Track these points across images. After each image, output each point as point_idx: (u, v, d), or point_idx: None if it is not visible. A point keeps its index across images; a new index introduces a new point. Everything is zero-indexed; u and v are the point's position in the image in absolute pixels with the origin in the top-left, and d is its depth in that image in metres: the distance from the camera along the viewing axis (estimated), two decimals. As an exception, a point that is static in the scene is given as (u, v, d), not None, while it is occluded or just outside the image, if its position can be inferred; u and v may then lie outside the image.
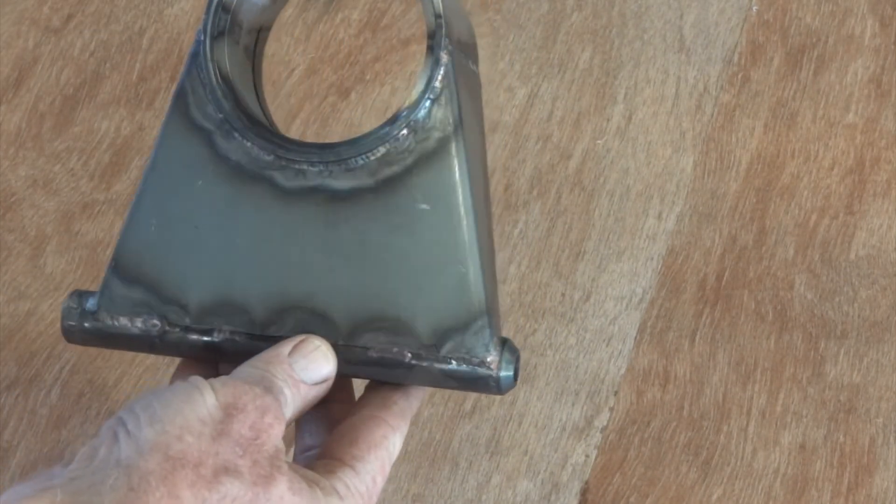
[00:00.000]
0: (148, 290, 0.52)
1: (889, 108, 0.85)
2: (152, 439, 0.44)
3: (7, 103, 0.86)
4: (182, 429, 0.44)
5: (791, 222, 0.81)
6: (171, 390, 0.46)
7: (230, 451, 0.45)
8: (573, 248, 0.81)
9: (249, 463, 0.45)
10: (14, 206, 0.82)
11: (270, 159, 0.52)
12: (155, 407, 0.45)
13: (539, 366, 0.77)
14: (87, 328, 0.53)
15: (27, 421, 0.74)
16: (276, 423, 0.47)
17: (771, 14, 0.90)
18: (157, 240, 0.52)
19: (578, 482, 0.73)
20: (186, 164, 0.52)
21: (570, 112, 0.86)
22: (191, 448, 0.44)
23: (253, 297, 0.52)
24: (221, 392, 0.46)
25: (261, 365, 0.49)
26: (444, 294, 0.53)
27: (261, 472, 0.45)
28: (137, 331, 0.53)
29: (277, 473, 0.46)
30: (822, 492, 0.73)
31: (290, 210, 0.52)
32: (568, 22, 0.89)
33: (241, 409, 0.46)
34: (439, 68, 0.52)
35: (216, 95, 0.52)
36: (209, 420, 0.45)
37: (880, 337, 0.77)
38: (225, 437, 0.45)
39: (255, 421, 0.46)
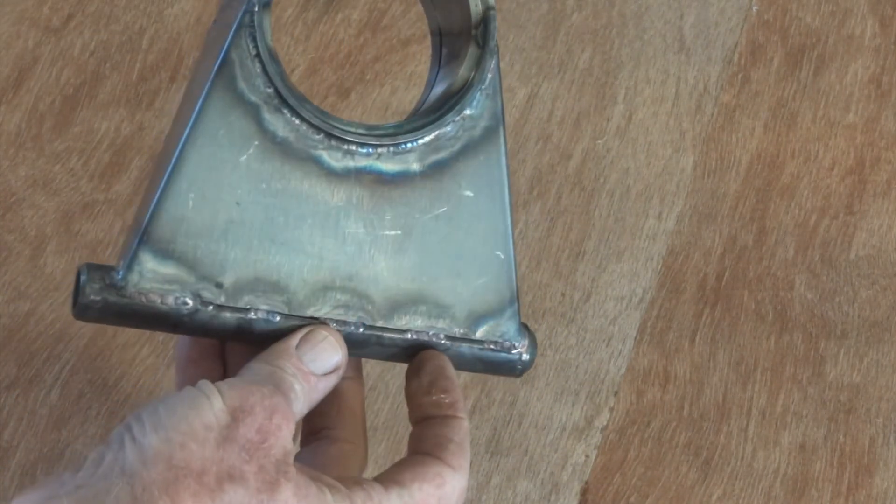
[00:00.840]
0: (181, 266, 0.50)
1: (889, 108, 0.85)
2: (156, 447, 0.44)
3: (7, 103, 0.86)
4: (186, 436, 0.44)
5: (791, 222, 0.81)
6: (178, 396, 0.46)
7: (235, 456, 0.45)
8: (573, 248, 0.81)
9: (255, 468, 0.45)
10: (14, 206, 0.82)
11: (319, 138, 0.52)
12: (160, 413, 0.45)
13: (539, 366, 0.77)
14: (109, 303, 0.50)
15: (27, 421, 0.74)
16: (284, 424, 0.46)
17: (771, 14, 0.90)
18: (195, 214, 0.50)
19: (578, 482, 0.73)
20: (230, 138, 0.51)
21: (570, 112, 0.86)
22: (194, 456, 0.44)
23: (293, 276, 0.51)
24: (228, 395, 0.46)
25: (270, 360, 0.49)
26: (481, 280, 0.54)
27: (266, 477, 0.45)
28: (166, 308, 0.50)
29: (283, 479, 0.45)
30: (822, 492, 0.73)
31: (335, 190, 0.52)
32: (568, 22, 0.89)
33: (249, 411, 0.46)
34: (492, 59, 0.53)
35: (267, 69, 0.51)
36: (215, 425, 0.45)
37: (880, 337, 0.77)
38: (230, 442, 0.45)
39: (263, 423, 0.46)
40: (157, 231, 0.50)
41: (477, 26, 0.54)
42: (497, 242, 0.55)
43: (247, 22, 0.51)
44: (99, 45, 0.88)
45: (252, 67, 0.51)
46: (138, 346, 0.77)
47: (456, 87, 0.54)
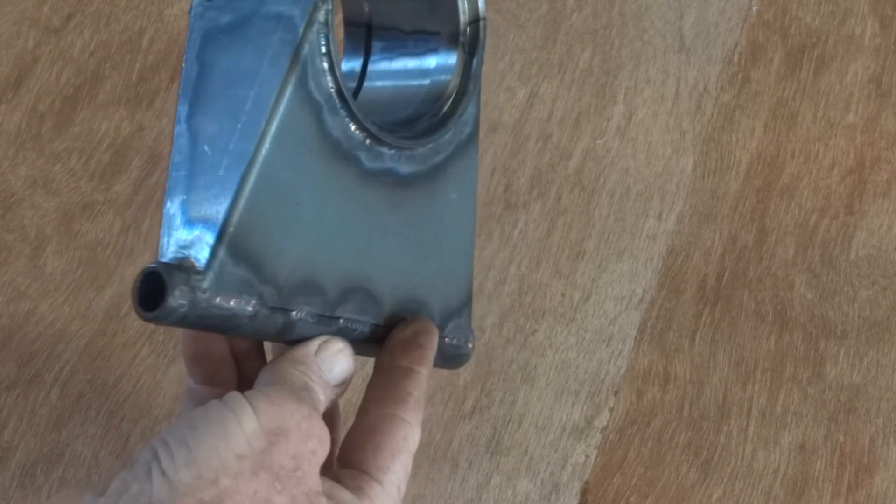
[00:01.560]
0: (249, 267, 0.48)
1: (889, 108, 0.85)
2: (187, 483, 0.42)
3: (7, 103, 0.86)
4: (218, 472, 0.42)
5: (791, 222, 0.81)
6: (206, 419, 0.43)
7: (268, 486, 0.43)
8: (573, 248, 0.81)
9: (286, 500, 0.43)
10: (14, 206, 0.82)
11: (361, 138, 0.51)
12: (189, 444, 0.42)
13: (539, 366, 0.77)
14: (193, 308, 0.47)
15: (27, 421, 0.74)
16: (319, 450, 0.45)
17: (771, 14, 0.90)
18: (264, 215, 0.48)
19: (578, 482, 0.73)
20: (298, 137, 0.49)
21: (570, 112, 0.86)
22: (227, 492, 0.42)
23: (329, 277, 0.50)
24: (265, 414, 0.44)
25: (295, 365, 0.47)
26: (453, 279, 0.55)
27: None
28: (233, 311, 0.48)
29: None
30: (822, 492, 0.73)
31: (366, 191, 0.52)
32: (568, 22, 0.89)
33: (285, 434, 0.44)
34: (480, 65, 0.54)
35: (334, 66, 0.50)
36: (248, 453, 0.43)
37: (880, 337, 0.77)
38: (264, 470, 0.43)
39: (298, 449, 0.44)
40: (234, 231, 0.48)
41: (464, 33, 0.54)
42: (467, 243, 0.55)
43: (321, 19, 0.50)
44: (99, 45, 0.88)
45: (320, 65, 0.50)
46: (138, 346, 0.77)
47: (450, 93, 0.54)
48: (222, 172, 0.48)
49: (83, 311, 0.78)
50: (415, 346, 0.52)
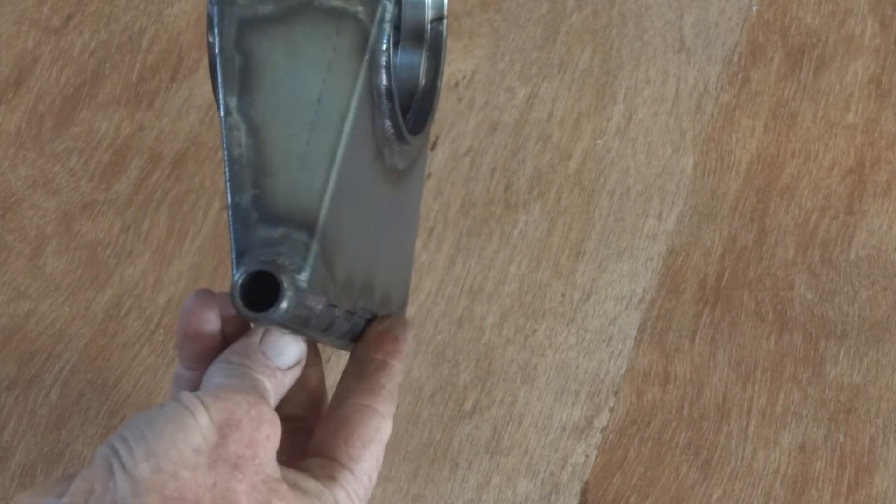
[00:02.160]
0: (327, 266, 0.47)
1: (889, 108, 0.85)
2: (148, 478, 0.42)
3: (7, 103, 0.86)
4: (177, 464, 0.43)
5: (791, 222, 0.81)
6: (163, 415, 0.44)
7: (227, 476, 0.43)
8: (573, 248, 0.81)
9: (247, 488, 0.44)
10: (14, 206, 0.82)
11: (392, 134, 0.51)
12: (148, 439, 0.43)
13: (539, 366, 0.77)
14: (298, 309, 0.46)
15: (27, 421, 0.74)
16: (272, 435, 0.45)
17: (771, 14, 0.89)
18: (339, 213, 0.48)
19: (578, 482, 0.73)
20: (360, 133, 0.48)
21: (570, 112, 0.86)
22: (187, 485, 0.43)
23: (359, 274, 0.50)
24: (214, 409, 0.44)
25: (237, 360, 0.47)
26: (405, 275, 0.56)
27: (258, 497, 0.44)
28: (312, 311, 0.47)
29: (275, 499, 0.44)
30: (822, 492, 0.73)
31: (384, 187, 0.52)
32: (568, 22, 0.89)
33: (236, 425, 0.44)
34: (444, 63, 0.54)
35: (389, 63, 0.49)
36: (204, 447, 0.43)
37: (880, 337, 0.77)
38: (221, 462, 0.44)
39: (252, 436, 0.44)
40: (323, 228, 0.47)
41: (427, 31, 0.54)
42: (414, 239, 0.56)
43: (386, 17, 0.48)
44: (99, 45, 0.88)
45: (380, 62, 0.48)
46: (138, 345, 0.77)
47: (420, 90, 0.54)
48: (300, 169, 0.47)
49: (83, 311, 0.78)
50: (390, 340, 0.52)
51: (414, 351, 0.53)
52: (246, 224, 0.47)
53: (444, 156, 0.84)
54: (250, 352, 0.48)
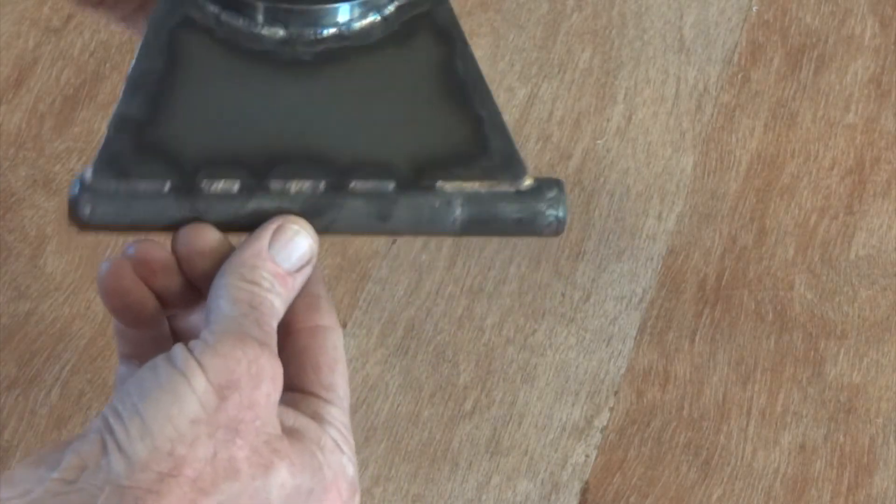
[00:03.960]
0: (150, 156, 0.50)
1: (889, 108, 0.85)
2: (144, 456, 0.41)
3: (7, 103, 0.86)
4: (174, 441, 0.42)
5: (791, 222, 0.81)
6: (157, 384, 0.42)
7: (227, 443, 0.42)
8: (573, 248, 0.81)
9: (248, 452, 0.42)
10: (14, 206, 0.82)
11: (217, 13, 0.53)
12: (142, 414, 0.42)
13: (539, 366, 0.77)
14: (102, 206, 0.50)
15: (27, 421, 0.74)
16: (273, 391, 0.44)
17: (771, 14, 0.90)
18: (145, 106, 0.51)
19: (578, 482, 0.73)
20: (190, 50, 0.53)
21: (570, 112, 0.86)
22: (185, 460, 0.41)
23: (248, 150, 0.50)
24: (212, 370, 0.42)
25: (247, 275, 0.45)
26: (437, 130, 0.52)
27: (259, 461, 0.43)
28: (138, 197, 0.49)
29: (277, 459, 0.43)
30: (822, 492, 0.73)
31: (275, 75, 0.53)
32: (568, 22, 0.89)
33: (235, 386, 0.43)
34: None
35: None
36: (202, 416, 0.42)
37: (880, 337, 0.77)
38: (221, 429, 0.42)
39: (252, 397, 0.43)
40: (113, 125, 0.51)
41: None
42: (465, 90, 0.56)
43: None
44: (99, 45, 0.88)
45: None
46: (138, 346, 0.77)
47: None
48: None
49: (83, 311, 0.78)
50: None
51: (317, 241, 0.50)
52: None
53: (444, 156, 0.84)
54: (259, 260, 0.45)
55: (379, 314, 0.78)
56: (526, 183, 0.52)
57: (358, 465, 0.48)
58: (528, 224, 0.51)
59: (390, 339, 0.78)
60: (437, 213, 0.49)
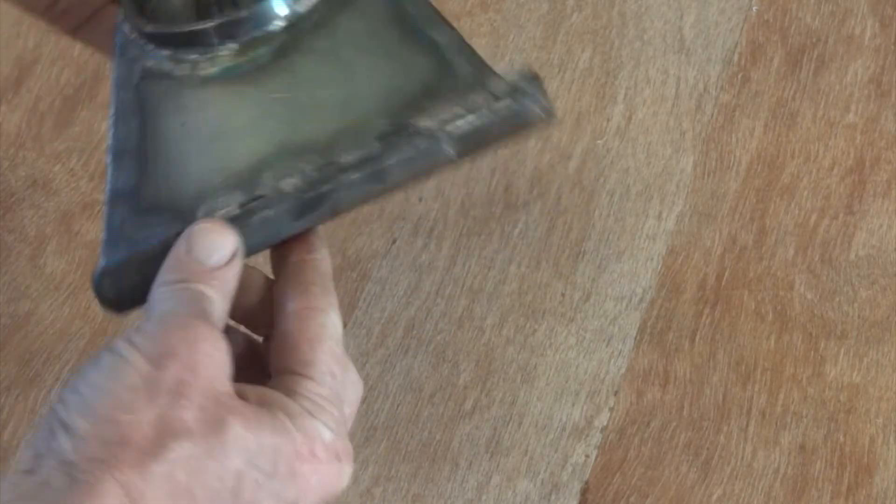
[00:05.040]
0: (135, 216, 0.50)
1: (889, 108, 0.85)
2: (85, 427, 0.41)
3: (7, 103, 0.86)
4: (114, 409, 0.42)
5: (791, 222, 0.81)
6: (97, 367, 0.43)
7: (171, 405, 0.42)
8: (573, 248, 0.81)
9: (196, 412, 0.42)
10: (14, 206, 0.82)
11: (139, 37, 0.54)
12: (83, 393, 0.42)
13: (539, 366, 0.77)
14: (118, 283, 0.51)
15: (27, 421, 0.74)
16: (214, 350, 0.44)
17: (771, 14, 0.90)
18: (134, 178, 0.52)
19: (578, 482, 0.73)
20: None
21: (570, 112, 0.86)
22: (128, 427, 0.41)
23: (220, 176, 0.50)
24: (146, 346, 0.43)
25: (173, 277, 0.46)
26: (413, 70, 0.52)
27: (208, 418, 0.42)
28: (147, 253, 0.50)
29: (228, 415, 0.43)
30: (822, 492, 0.73)
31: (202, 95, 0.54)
32: (568, 22, 0.89)
33: (171, 353, 0.43)
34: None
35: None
36: (140, 384, 0.42)
37: (880, 337, 0.77)
38: (162, 393, 0.42)
39: (190, 359, 0.43)
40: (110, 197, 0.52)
41: None
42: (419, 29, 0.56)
43: None
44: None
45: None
46: (138, 346, 0.77)
47: None
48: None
49: (83, 311, 0.78)
50: (298, 239, 0.50)
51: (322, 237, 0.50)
52: None
53: (444, 156, 0.84)
54: (181, 264, 0.46)
55: (379, 314, 0.78)
56: (500, 89, 0.51)
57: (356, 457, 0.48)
58: (517, 124, 0.50)
59: (390, 339, 0.78)
60: (428, 153, 0.49)
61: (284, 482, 0.44)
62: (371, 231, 0.81)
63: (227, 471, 0.42)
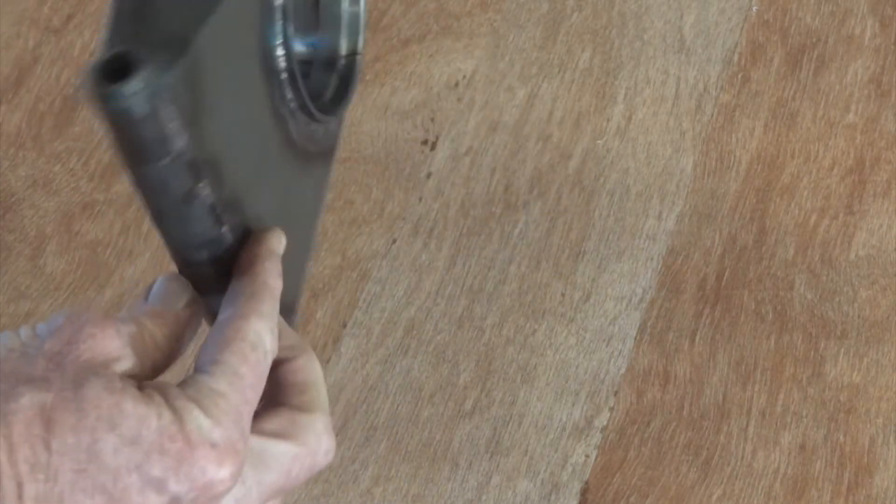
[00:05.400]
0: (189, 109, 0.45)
1: (889, 108, 0.85)
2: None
3: (7, 103, 0.86)
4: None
5: (791, 222, 0.81)
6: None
7: (40, 366, 0.43)
8: (573, 248, 0.81)
9: (60, 374, 0.43)
10: (14, 206, 0.82)
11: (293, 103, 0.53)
12: None
13: (539, 366, 0.77)
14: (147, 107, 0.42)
15: (27, 421, 0.74)
16: (99, 333, 0.44)
17: (771, 14, 0.89)
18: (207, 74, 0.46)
19: (578, 482, 0.73)
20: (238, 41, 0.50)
21: (570, 112, 0.86)
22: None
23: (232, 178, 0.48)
24: (39, 326, 0.44)
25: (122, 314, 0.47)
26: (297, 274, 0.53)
27: (73, 377, 0.43)
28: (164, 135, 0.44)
29: (92, 375, 0.43)
30: (822, 492, 0.73)
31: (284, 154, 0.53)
32: (568, 22, 0.89)
33: (55, 330, 0.44)
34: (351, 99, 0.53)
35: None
36: (17, 346, 0.43)
37: (880, 337, 0.77)
38: (36, 357, 0.43)
39: (72, 335, 0.44)
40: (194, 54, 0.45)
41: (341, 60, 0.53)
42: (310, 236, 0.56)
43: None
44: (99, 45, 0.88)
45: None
46: (138, 346, 0.77)
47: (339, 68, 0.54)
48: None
49: (83, 311, 0.78)
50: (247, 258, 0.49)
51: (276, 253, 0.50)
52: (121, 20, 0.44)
53: (444, 156, 0.84)
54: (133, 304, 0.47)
55: (379, 314, 0.78)
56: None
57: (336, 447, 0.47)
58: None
59: (390, 339, 0.78)
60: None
61: (149, 456, 0.43)
62: (371, 231, 0.81)
63: (83, 428, 0.42)
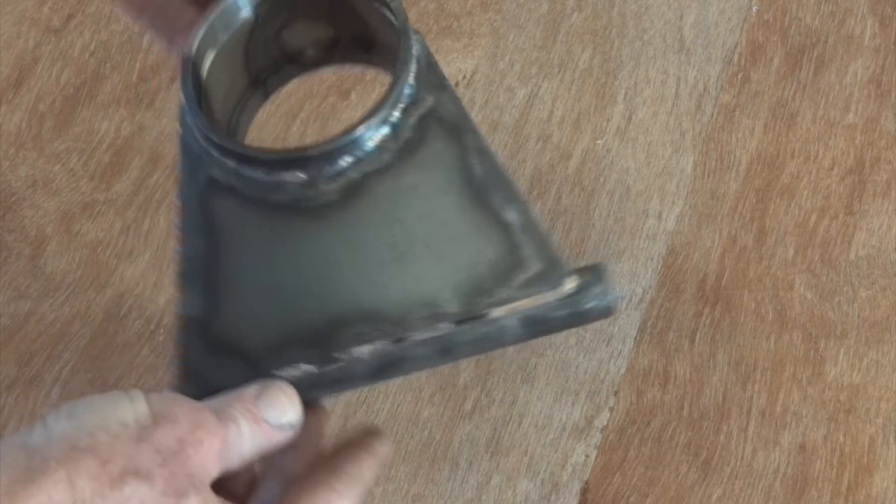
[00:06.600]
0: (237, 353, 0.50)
1: (889, 108, 0.85)
2: (64, 431, 0.42)
3: (7, 103, 0.86)
4: (98, 427, 0.43)
5: (791, 222, 0.81)
6: (103, 395, 0.44)
7: (148, 457, 0.43)
8: (573, 248, 0.81)
9: (167, 474, 0.43)
10: (14, 206, 0.82)
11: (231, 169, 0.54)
12: (78, 406, 0.43)
13: (539, 366, 0.77)
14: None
15: (27, 421, 0.74)
16: (207, 440, 0.44)
17: (771, 14, 0.90)
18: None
19: (578, 482, 0.73)
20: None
21: (570, 112, 0.86)
22: (102, 444, 0.42)
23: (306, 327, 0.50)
24: (156, 402, 0.44)
25: (222, 398, 0.47)
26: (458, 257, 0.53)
27: (176, 484, 0.43)
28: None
29: (193, 491, 0.43)
30: (822, 492, 0.73)
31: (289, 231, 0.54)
32: (568, 22, 0.89)
33: (172, 419, 0.44)
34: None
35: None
36: (132, 424, 0.43)
37: (880, 337, 0.77)
38: (146, 443, 0.43)
39: (185, 434, 0.44)
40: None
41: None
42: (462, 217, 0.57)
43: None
44: (99, 45, 0.88)
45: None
46: (138, 345, 0.77)
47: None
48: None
49: (83, 311, 0.78)
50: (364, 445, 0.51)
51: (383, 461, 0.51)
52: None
53: (444, 156, 0.84)
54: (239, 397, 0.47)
55: (379, 314, 0.78)
56: (567, 287, 0.52)
57: None
58: (579, 319, 0.52)
59: (390, 339, 0.78)
60: (493, 338, 0.51)
61: None
62: (371, 231, 0.81)
63: None
